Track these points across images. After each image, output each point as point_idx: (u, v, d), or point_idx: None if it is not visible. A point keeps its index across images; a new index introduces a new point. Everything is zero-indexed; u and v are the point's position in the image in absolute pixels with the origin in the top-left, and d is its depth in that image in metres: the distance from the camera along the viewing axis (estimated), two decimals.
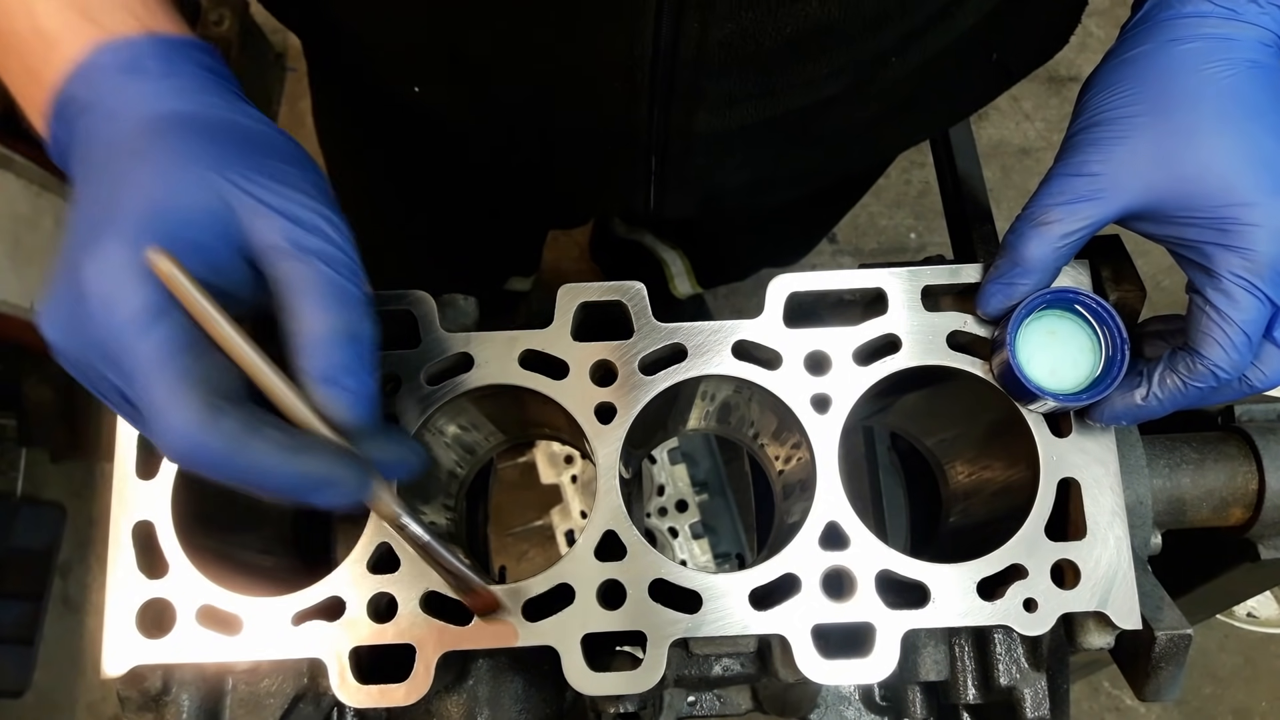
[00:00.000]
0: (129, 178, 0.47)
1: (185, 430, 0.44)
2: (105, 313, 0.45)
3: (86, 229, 0.46)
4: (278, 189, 0.48)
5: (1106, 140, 0.56)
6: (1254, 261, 0.53)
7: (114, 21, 0.50)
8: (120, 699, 0.62)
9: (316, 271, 0.47)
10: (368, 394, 0.48)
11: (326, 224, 0.49)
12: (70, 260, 0.46)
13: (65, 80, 0.50)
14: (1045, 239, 0.58)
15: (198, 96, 0.50)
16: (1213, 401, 0.59)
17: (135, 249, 0.45)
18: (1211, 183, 0.54)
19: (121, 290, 0.44)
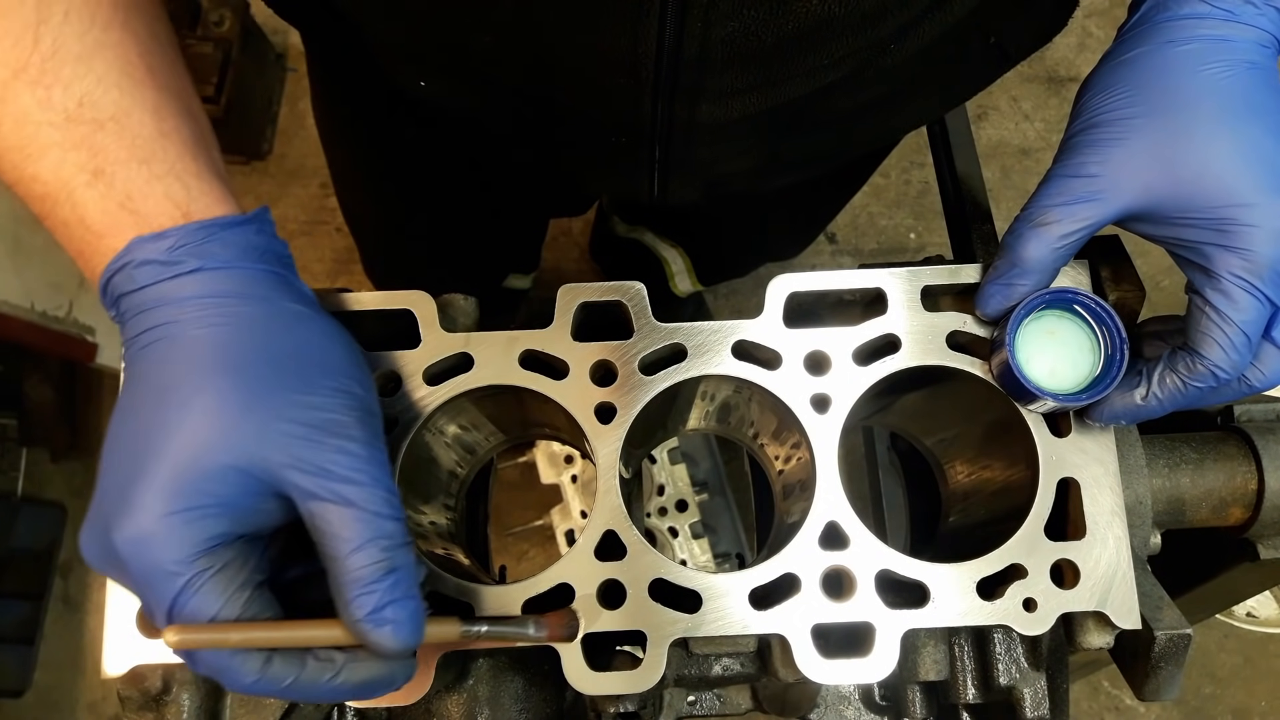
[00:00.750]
0: (166, 430, 0.49)
1: (243, 683, 0.49)
2: (143, 588, 0.49)
3: (123, 482, 0.49)
4: (312, 437, 0.49)
5: (1105, 142, 0.57)
6: (1253, 262, 0.53)
7: (153, 211, 0.52)
8: (121, 698, 0.62)
9: (353, 516, 0.49)
10: (410, 618, 0.50)
11: (361, 465, 0.50)
12: (105, 509, 0.49)
13: (108, 270, 0.52)
14: (1044, 240, 0.58)
15: (235, 306, 0.51)
16: (1212, 402, 0.59)
17: (166, 527, 0.47)
18: (1210, 183, 0.54)
19: (156, 573, 0.47)
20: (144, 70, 0.54)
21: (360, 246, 1.43)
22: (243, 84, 2.03)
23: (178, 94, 0.56)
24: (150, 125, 0.53)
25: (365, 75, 0.80)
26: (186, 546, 0.47)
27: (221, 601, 0.48)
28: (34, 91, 0.51)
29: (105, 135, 0.52)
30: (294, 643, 0.50)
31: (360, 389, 0.53)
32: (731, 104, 0.64)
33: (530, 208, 1.28)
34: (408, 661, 0.53)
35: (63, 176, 0.52)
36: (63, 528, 1.99)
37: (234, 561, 0.49)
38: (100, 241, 0.52)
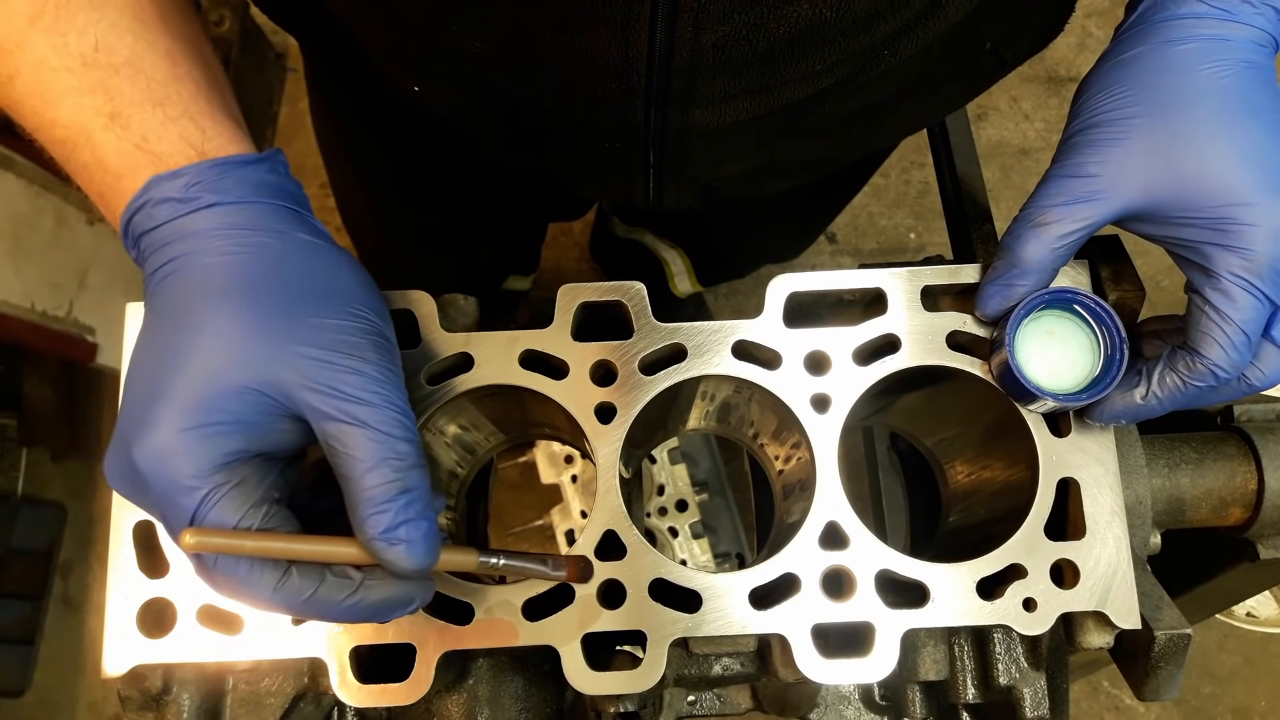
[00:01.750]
0: (183, 352, 0.50)
1: (264, 595, 0.50)
2: (163, 503, 0.50)
3: (142, 404, 0.50)
4: (325, 358, 0.50)
5: (1104, 142, 0.57)
6: (1252, 261, 0.53)
7: (170, 150, 0.53)
8: (121, 698, 0.62)
9: (365, 436, 0.50)
10: (424, 539, 0.51)
11: (373, 385, 0.51)
12: (126, 430, 0.50)
13: (128, 210, 0.53)
14: (1043, 240, 0.58)
15: (250, 237, 0.52)
16: (1212, 401, 0.59)
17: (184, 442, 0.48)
18: (1209, 183, 0.54)
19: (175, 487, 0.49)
20: (156, 17, 0.56)
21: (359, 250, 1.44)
22: (243, 84, 2.03)
23: (190, 40, 0.57)
24: (164, 69, 0.55)
25: (361, 81, 0.80)
26: (204, 461, 0.49)
27: (239, 515, 0.49)
28: (49, 38, 0.53)
29: (120, 79, 0.53)
30: (311, 556, 0.50)
31: (374, 315, 0.54)
32: (725, 109, 0.64)
33: (528, 212, 1.28)
34: (425, 584, 0.54)
35: (80, 120, 0.53)
36: (63, 528, 1.99)
37: (251, 478, 0.50)
38: (119, 183, 0.53)
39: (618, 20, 0.55)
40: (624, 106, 0.63)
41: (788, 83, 0.62)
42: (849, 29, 0.58)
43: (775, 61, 0.59)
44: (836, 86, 0.65)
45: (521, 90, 0.66)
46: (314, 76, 1.07)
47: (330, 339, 0.51)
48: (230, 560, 0.49)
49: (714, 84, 0.61)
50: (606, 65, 0.59)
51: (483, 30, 0.59)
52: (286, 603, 0.50)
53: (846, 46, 0.60)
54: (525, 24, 0.57)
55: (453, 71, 0.66)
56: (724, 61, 0.58)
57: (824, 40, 0.58)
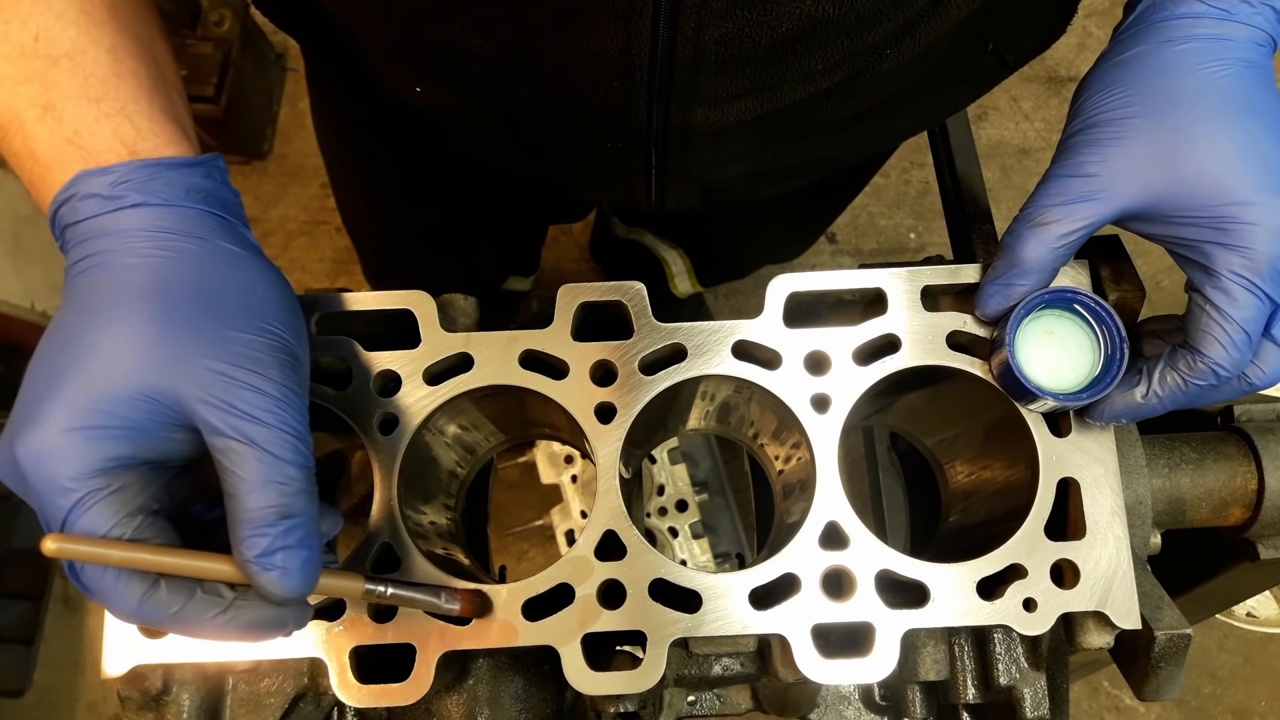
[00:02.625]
0: (83, 351, 0.49)
1: (128, 607, 0.49)
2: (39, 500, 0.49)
3: (34, 396, 0.49)
4: (225, 372, 0.50)
5: (1103, 141, 0.57)
6: (1253, 260, 0.54)
7: (101, 147, 0.53)
8: (121, 698, 0.62)
9: (254, 455, 0.49)
10: (300, 567, 0.50)
11: (270, 405, 0.50)
12: (15, 421, 0.50)
13: (55, 201, 0.53)
14: (1043, 240, 0.58)
15: (170, 241, 0.52)
16: (1213, 400, 0.59)
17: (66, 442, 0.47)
18: (1209, 182, 0.54)
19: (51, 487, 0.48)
20: (105, 11, 0.55)
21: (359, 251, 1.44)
22: (243, 84, 2.03)
23: (139, 36, 0.57)
24: (105, 64, 0.54)
25: (362, 83, 0.80)
26: (84, 463, 0.48)
27: (112, 522, 0.48)
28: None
29: (58, 71, 0.53)
30: (180, 570, 0.49)
31: (284, 332, 0.53)
32: (727, 109, 0.64)
33: (528, 215, 1.28)
34: (301, 608, 0.53)
35: (15, 109, 0.53)
36: None
37: (131, 485, 0.49)
38: (49, 174, 0.53)
39: (620, 16, 0.55)
40: (626, 105, 0.63)
41: (790, 82, 0.62)
42: (851, 27, 0.58)
43: (778, 60, 0.60)
44: (839, 86, 0.65)
45: (523, 90, 0.66)
46: (315, 77, 1.07)
47: (234, 353, 0.50)
48: (96, 568, 0.48)
49: (716, 82, 0.61)
50: (609, 62, 0.59)
51: (484, 28, 0.59)
52: (152, 616, 0.49)
53: (849, 45, 0.60)
54: (527, 21, 0.57)
55: (454, 72, 0.66)
56: (726, 59, 0.58)
57: (826, 38, 0.58)
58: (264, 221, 2.19)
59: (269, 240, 2.18)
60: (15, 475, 0.49)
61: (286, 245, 2.18)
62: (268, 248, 2.17)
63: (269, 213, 2.20)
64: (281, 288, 0.56)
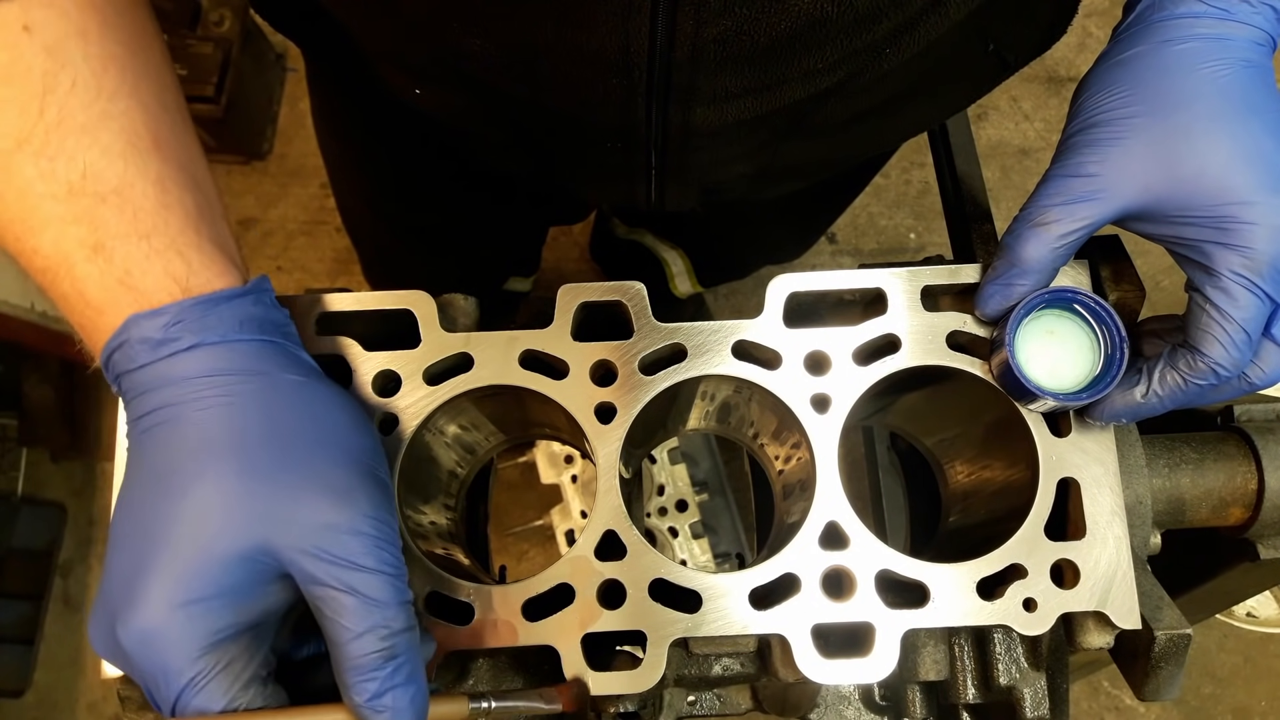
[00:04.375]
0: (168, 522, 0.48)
1: None
2: (149, 682, 0.48)
3: (127, 574, 0.49)
4: (316, 519, 0.49)
5: (1103, 141, 0.57)
6: (1253, 259, 0.54)
7: (152, 287, 0.51)
8: (121, 699, 0.62)
9: (356, 603, 0.49)
10: (409, 705, 0.50)
11: (368, 547, 0.50)
12: (111, 601, 0.49)
13: (108, 347, 0.52)
14: (1043, 240, 0.58)
15: (233, 386, 0.51)
16: (1213, 400, 0.59)
17: (172, 621, 0.47)
18: (1209, 182, 0.54)
19: (162, 669, 0.47)
20: (150, 141, 0.53)
21: (359, 251, 1.44)
22: (243, 84, 2.03)
23: (184, 164, 0.55)
24: (153, 197, 0.53)
25: (362, 84, 0.80)
26: (191, 643, 0.47)
27: (226, 699, 0.48)
28: (37, 163, 0.51)
29: (107, 209, 0.51)
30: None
31: (366, 456, 0.53)
32: (726, 108, 0.64)
33: (529, 216, 1.28)
34: None
35: (63, 250, 0.51)
36: (63, 528, 1.99)
37: (240, 657, 0.49)
38: (100, 318, 0.52)
39: (618, 14, 0.55)
40: (625, 104, 0.63)
41: (789, 81, 0.62)
42: (850, 26, 0.58)
43: (777, 58, 0.59)
44: (839, 86, 0.65)
45: (522, 90, 0.66)
46: (315, 78, 1.07)
47: (323, 495, 0.50)
48: None
49: (715, 81, 0.61)
50: (607, 61, 0.59)
51: (482, 28, 0.59)
52: None
53: (848, 44, 0.60)
54: (525, 20, 0.57)
55: (453, 72, 0.66)
56: (725, 57, 0.58)
57: (825, 37, 0.58)
58: (264, 221, 2.19)
59: (269, 240, 2.18)
60: (117, 655, 0.49)
61: (286, 245, 2.18)
62: (267, 247, 2.18)
63: (269, 213, 2.19)
64: (351, 409, 0.55)
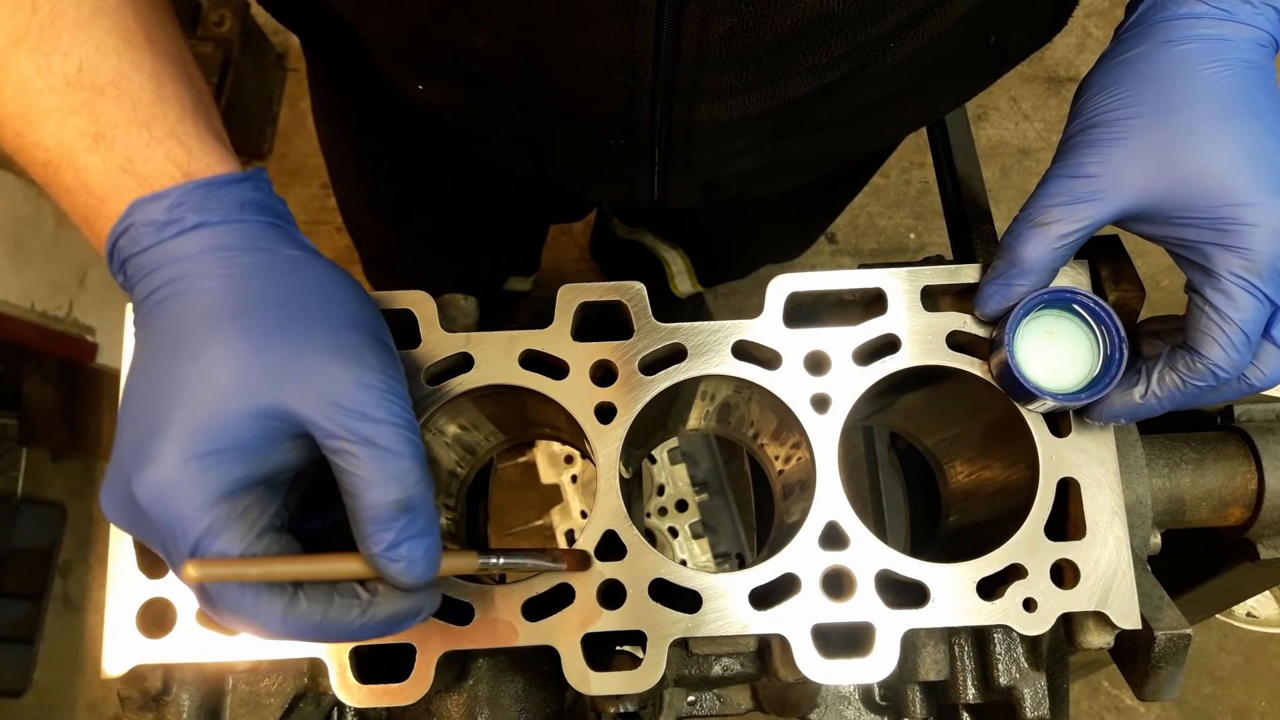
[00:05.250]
0: (179, 382, 0.49)
1: (272, 623, 0.49)
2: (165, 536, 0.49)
3: (140, 436, 0.49)
4: (327, 374, 0.50)
5: (1104, 142, 0.57)
6: (1253, 261, 0.54)
7: (154, 172, 0.52)
8: (121, 698, 0.62)
9: (370, 454, 0.49)
10: (425, 554, 0.51)
11: (378, 400, 0.50)
12: (125, 463, 0.49)
13: (113, 233, 0.52)
14: (1043, 240, 0.58)
15: (239, 257, 0.52)
16: (1212, 401, 0.59)
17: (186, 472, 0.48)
18: (1210, 183, 0.54)
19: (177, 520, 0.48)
20: (142, 37, 0.55)
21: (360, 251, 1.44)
22: (243, 84, 2.03)
23: (176, 60, 0.57)
24: (150, 89, 0.54)
25: (364, 81, 0.80)
26: (206, 492, 0.48)
27: (244, 543, 0.49)
28: (33, 59, 0.52)
29: (105, 100, 0.53)
30: (315, 574, 0.50)
31: (370, 323, 0.54)
32: (731, 104, 0.64)
33: (529, 214, 1.28)
34: (431, 593, 0.54)
35: (64, 142, 0.52)
36: (63, 528, 1.99)
37: (254, 507, 0.50)
38: (103, 206, 0.52)
39: (624, 13, 0.55)
40: (630, 102, 0.63)
41: (794, 76, 0.62)
42: (856, 21, 0.58)
43: (782, 54, 0.60)
44: (842, 81, 0.65)
45: (527, 87, 0.66)
46: (316, 77, 1.07)
47: (330, 353, 0.50)
48: (236, 591, 0.48)
49: (720, 78, 0.61)
50: (612, 59, 0.59)
51: (487, 25, 0.59)
52: (297, 628, 0.49)
53: (853, 39, 0.60)
54: (530, 18, 0.57)
55: (457, 70, 0.66)
56: (731, 54, 0.58)
57: (831, 32, 0.58)
58: None
59: None
60: (135, 515, 0.49)
61: None
62: None
63: None
64: (351, 283, 0.56)
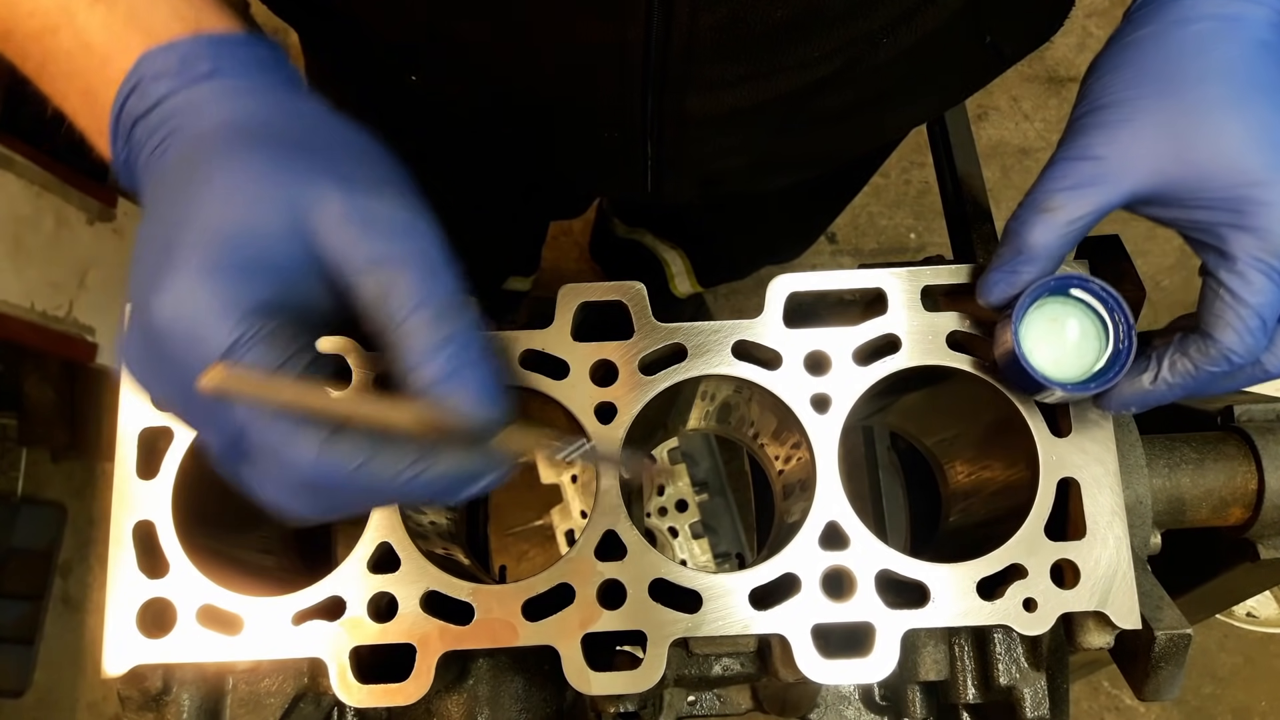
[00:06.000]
0: (196, 201, 0.44)
1: (304, 459, 0.42)
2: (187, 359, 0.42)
3: (155, 260, 0.44)
4: (349, 195, 0.45)
5: (1112, 123, 0.55)
6: (1270, 243, 0.52)
7: (161, 26, 0.48)
8: (121, 699, 0.62)
9: (404, 276, 0.44)
10: (482, 384, 0.45)
11: (405, 221, 0.46)
12: (142, 298, 0.44)
13: (119, 95, 0.47)
14: (1049, 226, 0.56)
15: (255, 98, 0.48)
16: (1225, 389, 0.57)
17: (209, 283, 0.42)
18: (1224, 163, 0.52)
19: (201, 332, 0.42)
20: None
21: None
22: None
23: None
24: None
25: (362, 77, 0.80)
26: (232, 303, 0.42)
27: (281, 359, 0.43)
28: None
29: None
30: (361, 416, 0.43)
31: (388, 159, 0.49)
32: (722, 97, 0.64)
33: (527, 210, 1.28)
34: (495, 456, 0.46)
35: (60, 2, 0.48)
36: (63, 528, 1.99)
37: (286, 327, 0.44)
38: (106, 66, 0.47)
39: (614, 2, 0.55)
40: (621, 93, 0.63)
41: (786, 70, 0.62)
42: (846, 14, 0.57)
43: (773, 47, 0.59)
44: (835, 76, 0.65)
45: (520, 80, 0.66)
46: (314, 75, 1.07)
47: (353, 179, 0.46)
48: (263, 421, 0.42)
49: (711, 69, 0.61)
50: (603, 50, 0.59)
51: (480, 16, 0.59)
52: (330, 474, 0.42)
53: (844, 32, 0.59)
54: (522, 9, 0.57)
55: (450, 59, 0.66)
56: (721, 46, 0.58)
57: (822, 25, 0.58)
58: None
59: None
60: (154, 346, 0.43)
61: None
62: None
63: None
64: (367, 131, 0.51)
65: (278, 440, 0.42)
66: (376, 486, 0.43)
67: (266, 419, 0.42)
